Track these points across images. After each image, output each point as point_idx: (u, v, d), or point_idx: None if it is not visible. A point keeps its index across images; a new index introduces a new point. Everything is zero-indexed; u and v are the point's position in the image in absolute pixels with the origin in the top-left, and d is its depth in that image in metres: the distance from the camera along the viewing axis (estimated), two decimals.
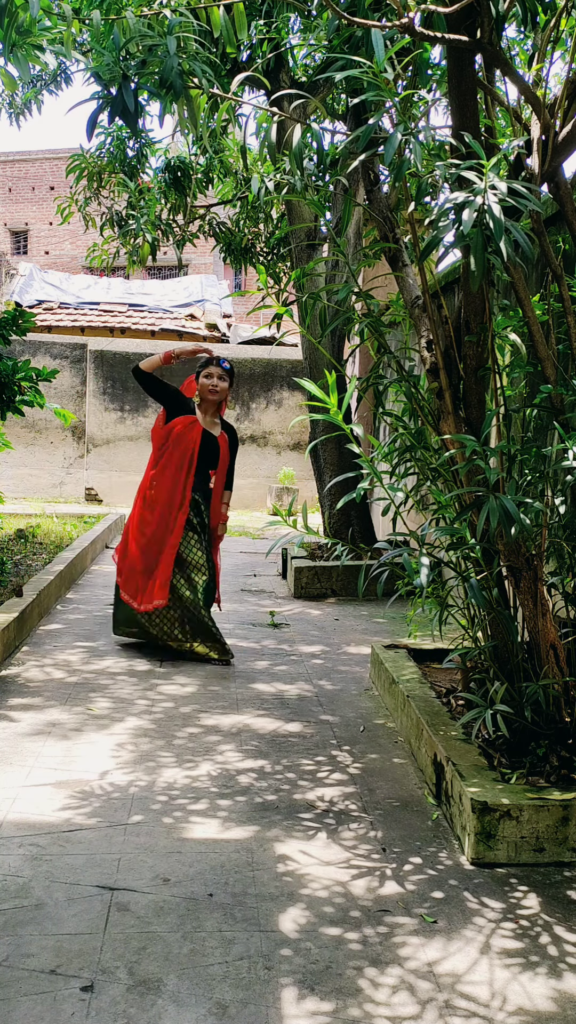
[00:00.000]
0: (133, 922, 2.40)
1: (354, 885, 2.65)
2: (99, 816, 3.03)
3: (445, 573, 5.34)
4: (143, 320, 17.85)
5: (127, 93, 3.37)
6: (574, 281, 3.35)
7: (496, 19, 3.14)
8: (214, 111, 4.84)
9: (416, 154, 2.79)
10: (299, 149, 3.45)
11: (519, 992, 2.18)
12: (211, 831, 2.95)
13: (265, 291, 3.84)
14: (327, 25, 4.52)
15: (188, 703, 4.29)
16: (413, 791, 3.36)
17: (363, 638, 5.78)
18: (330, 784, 3.39)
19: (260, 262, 9.55)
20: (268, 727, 3.99)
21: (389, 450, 3.70)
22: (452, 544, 3.34)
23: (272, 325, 4.02)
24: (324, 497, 8.07)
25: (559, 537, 3.30)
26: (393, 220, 3.84)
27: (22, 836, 2.86)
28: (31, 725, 3.89)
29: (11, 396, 5.71)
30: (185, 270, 25.36)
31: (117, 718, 4.03)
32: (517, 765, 3.11)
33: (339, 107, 7.37)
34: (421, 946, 2.35)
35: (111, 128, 8.04)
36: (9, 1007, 2.04)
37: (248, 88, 7.59)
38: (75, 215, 9.30)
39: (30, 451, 14.38)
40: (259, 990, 2.13)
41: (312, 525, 4.13)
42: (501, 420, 3.41)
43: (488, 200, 2.58)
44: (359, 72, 2.90)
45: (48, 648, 5.22)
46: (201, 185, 8.73)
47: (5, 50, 3.32)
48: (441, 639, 4.19)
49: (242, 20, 3.55)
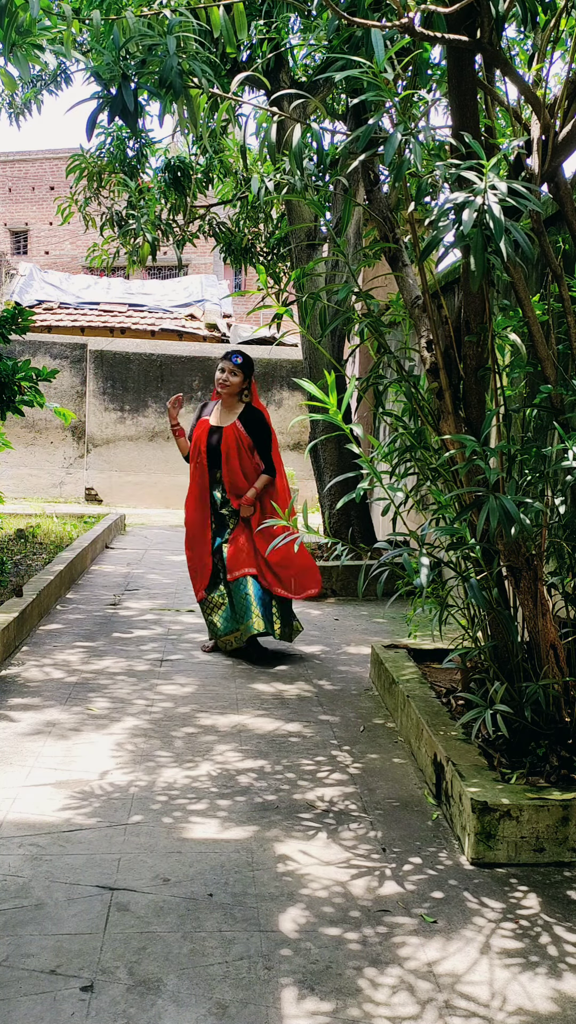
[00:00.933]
0: (133, 922, 2.40)
1: (354, 885, 2.65)
2: (99, 816, 3.03)
3: (445, 573, 5.33)
4: (143, 320, 17.85)
5: (127, 93, 3.37)
6: (574, 281, 3.35)
7: (496, 19, 3.14)
8: (214, 111, 4.85)
9: (416, 154, 2.79)
10: (299, 149, 3.45)
11: (519, 992, 2.18)
12: (211, 831, 2.95)
13: (265, 291, 3.84)
14: (327, 25, 4.52)
15: (188, 703, 4.29)
16: (413, 791, 3.36)
17: (363, 638, 5.77)
18: (330, 784, 3.39)
19: (260, 262, 9.55)
20: (268, 727, 3.99)
21: (389, 450, 3.70)
22: (452, 544, 3.34)
23: (272, 325, 4.02)
24: (324, 497, 8.07)
25: (559, 537, 3.30)
26: (393, 220, 3.84)
27: (22, 836, 2.86)
28: (31, 725, 3.89)
29: (11, 396, 5.71)
30: (185, 270, 25.35)
31: (117, 718, 4.03)
32: (517, 765, 3.11)
33: (339, 107, 7.37)
34: (421, 946, 2.35)
35: (111, 128, 8.04)
36: (9, 1007, 2.04)
37: (248, 88, 7.59)
38: (75, 215, 9.30)
39: (30, 451, 14.37)
40: (259, 990, 2.13)
41: (312, 525, 4.14)
42: (501, 420, 3.41)
43: (488, 200, 2.58)
44: (359, 72, 2.90)
45: (48, 648, 5.22)
46: (201, 185, 8.72)
47: (5, 50, 3.32)
48: (441, 639, 4.19)
49: (242, 20, 3.55)
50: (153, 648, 5.31)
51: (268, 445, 5.08)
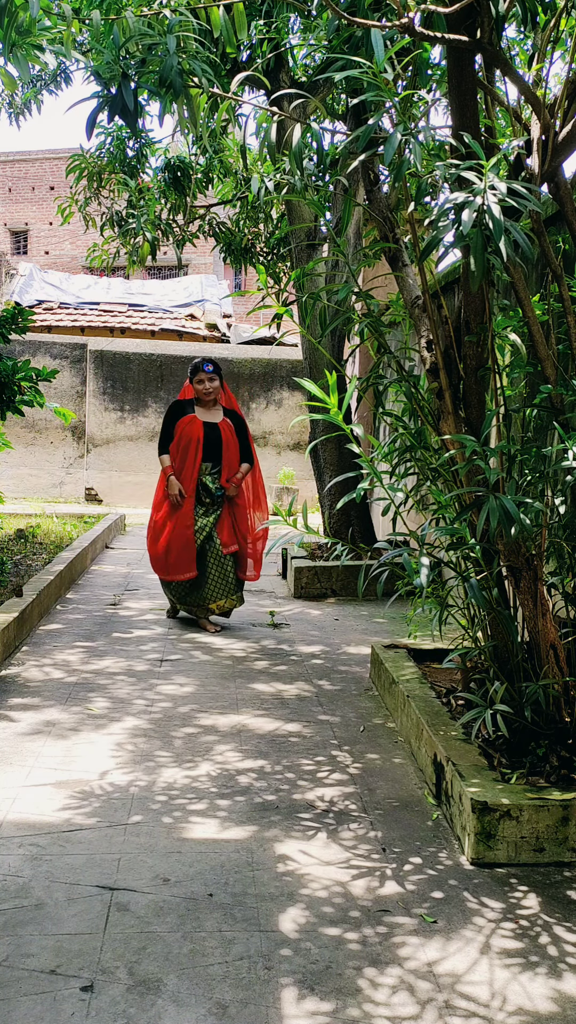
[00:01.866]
0: (133, 922, 2.40)
1: (354, 885, 2.65)
2: (99, 816, 3.03)
3: (445, 573, 5.33)
4: (143, 320, 17.85)
5: (126, 92, 3.37)
6: (574, 281, 3.35)
7: (496, 19, 3.14)
8: (214, 111, 4.84)
9: (416, 154, 2.79)
10: (299, 149, 3.45)
11: (519, 992, 2.18)
12: (211, 831, 2.95)
13: (265, 291, 3.84)
14: (327, 25, 4.52)
15: (187, 703, 4.29)
16: (413, 791, 3.36)
17: (363, 638, 5.77)
18: (330, 784, 3.39)
19: (260, 262, 9.54)
20: (268, 727, 3.99)
21: (389, 450, 3.70)
22: (452, 544, 3.34)
23: (272, 325, 4.02)
24: (324, 497, 8.06)
25: (559, 537, 3.30)
26: (393, 220, 3.84)
27: (22, 836, 2.86)
28: (31, 725, 3.90)
29: (11, 396, 5.71)
30: (185, 270, 25.36)
31: (116, 718, 4.03)
32: (517, 765, 3.11)
33: (339, 107, 7.36)
34: (421, 946, 2.35)
35: (111, 128, 8.04)
36: (9, 1007, 2.04)
37: (248, 88, 7.58)
38: (75, 215, 9.30)
39: (30, 451, 14.38)
40: (259, 990, 2.13)
41: (312, 525, 4.13)
42: (501, 420, 3.41)
43: (487, 200, 2.58)
44: (359, 72, 2.90)
45: (48, 648, 5.22)
46: (201, 185, 8.72)
47: (5, 50, 3.32)
48: (441, 639, 4.19)
49: (242, 20, 3.55)
50: (153, 648, 5.31)
51: (247, 440, 5.93)
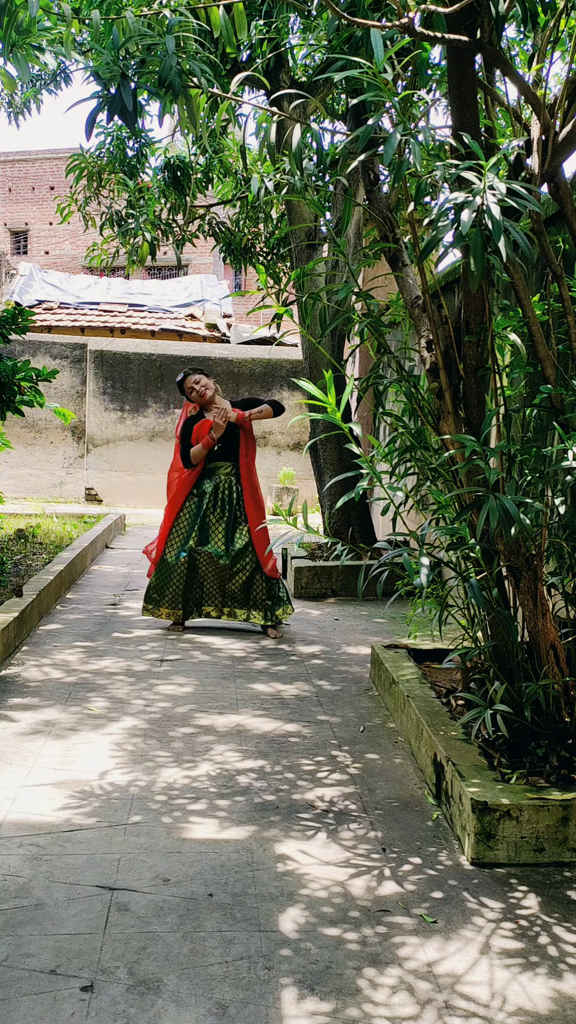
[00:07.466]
0: (133, 922, 2.40)
1: (353, 885, 2.65)
2: (99, 816, 3.03)
3: (445, 573, 5.34)
4: (143, 320, 17.86)
5: (126, 92, 3.37)
6: (574, 281, 3.35)
7: (496, 19, 3.14)
8: (214, 111, 4.84)
9: (416, 154, 2.79)
10: (299, 149, 3.45)
11: (519, 992, 2.18)
12: (211, 831, 2.95)
13: (265, 291, 3.84)
14: (327, 25, 4.52)
15: (186, 703, 4.29)
16: (413, 791, 3.36)
17: (363, 638, 5.77)
18: (330, 784, 3.39)
19: (260, 262, 9.55)
20: (267, 727, 3.99)
21: (389, 450, 3.70)
22: (452, 544, 3.34)
23: (272, 325, 4.02)
24: (324, 497, 8.06)
25: (559, 537, 3.30)
26: (393, 220, 3.84)
27: (22, 836, 2.86)
28: (30, 725, 3.90)
29: (11, 396, 5.71)
30: (185, 270, 25.37)
31: (116, 718, 4.03)
32: (517, 765, 3.11)
33: (339, 107, 7.37)
34: (420, 946, 2.35)
35: (111, 128, 8.05)
36: (9, 1007, 2.04)
37: (248, 88, 7.58)
38: (75, 215, 9.30)
39: (30, 451, 14.38)
40: (259, 990, 2.13)
41: (312, 525, 4.13)
42: (501, 420, 3.41)
43: (487, 200, 2.58)
44: (359, 72, 2.90)
45: (47, 648, 5.22)
46: (201, 185, 8.72)
47: (5, 50, 3.32)
48: (441, 639, 4.19)
49: (242, 20, 3.55)
50: (152, 648, 5.31)
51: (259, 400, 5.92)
